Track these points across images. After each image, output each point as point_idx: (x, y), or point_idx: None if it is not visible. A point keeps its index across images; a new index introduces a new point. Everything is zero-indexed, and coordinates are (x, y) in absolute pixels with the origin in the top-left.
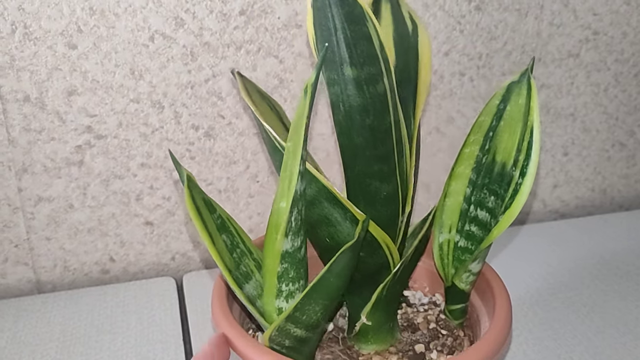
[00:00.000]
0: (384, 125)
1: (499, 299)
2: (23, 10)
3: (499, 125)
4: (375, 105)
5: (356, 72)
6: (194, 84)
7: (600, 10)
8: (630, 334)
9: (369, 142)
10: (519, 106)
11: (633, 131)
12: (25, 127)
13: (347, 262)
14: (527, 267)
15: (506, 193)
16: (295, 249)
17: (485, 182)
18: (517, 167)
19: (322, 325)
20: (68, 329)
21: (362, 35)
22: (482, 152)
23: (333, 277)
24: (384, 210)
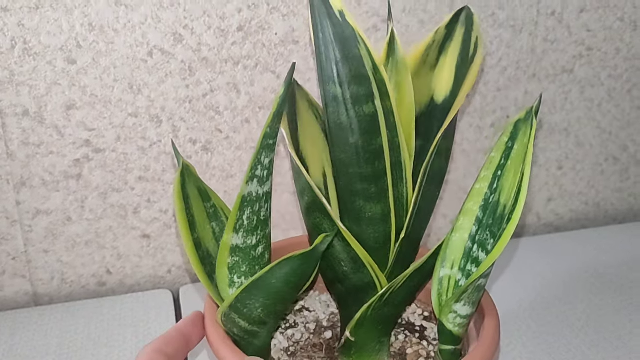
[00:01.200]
0: (372, 145)
1: (488, 315)
2: (23, 26)
3: (506, 164)
4: (361, 124)
5: (340, 90)
6: (192, 99)
7: (593, 26)
8: (625, 347)
9: (353, 160)
10: (523, 145)
11: (626, 145)
12: (24, 141)
13: (294, 270)
14: (522, 280)
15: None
16: (248, 246)
17: (489, 222)
18: (508, 211)
19: (270, 323)
20: (65, 342)
21: (352, 55)
22: (491, 190)
23: (275, 279)
24: (370, 230)
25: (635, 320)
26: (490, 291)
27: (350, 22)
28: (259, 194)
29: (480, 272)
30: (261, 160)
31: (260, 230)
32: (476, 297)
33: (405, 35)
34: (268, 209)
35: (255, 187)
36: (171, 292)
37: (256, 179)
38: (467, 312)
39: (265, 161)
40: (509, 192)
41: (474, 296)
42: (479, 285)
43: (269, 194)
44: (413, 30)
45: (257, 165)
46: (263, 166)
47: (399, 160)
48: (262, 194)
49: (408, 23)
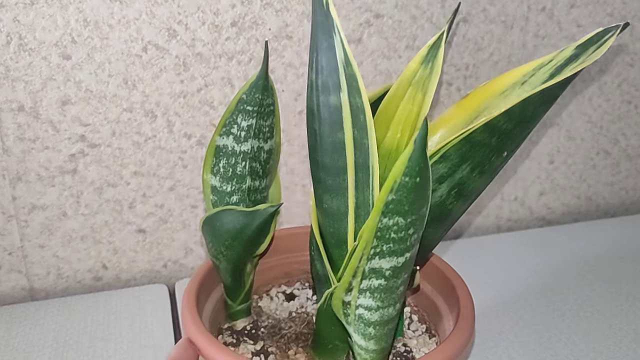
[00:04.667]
0: (332, 138)
1: (463, 301)
2: (18, 21)
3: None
4: (324, 114)
5: (314, 77)
6: (187, 94)
7: (584, 22)
8: (615, 336)
9: (314, 147)
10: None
11: (617, 139)
12: (19, 136)
13: (233, 221)
14: (514, 272)
15: None
16: (223, 191)
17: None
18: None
19: (223, 263)
20: (61, 335)
21: (328, 45)
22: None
23: (218, 223)
24: (328, 223)
25: (625, 310)
26: (483, 282)
27: (331, 12)
28: (235, 150)
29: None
30: (237, 121)
31: (236, 182)
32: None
33: (397, 31)
34: (246, 166)
35: (231, 142)
36: (167, 286)
37: (232, 136)
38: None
39: (243, 124)
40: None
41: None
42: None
43: (247, 153)
44: (405, 26)
45: (231, 124)
46: (239, 127)
47: (366, 163)
48: (239, 151)
49: (400, 18)
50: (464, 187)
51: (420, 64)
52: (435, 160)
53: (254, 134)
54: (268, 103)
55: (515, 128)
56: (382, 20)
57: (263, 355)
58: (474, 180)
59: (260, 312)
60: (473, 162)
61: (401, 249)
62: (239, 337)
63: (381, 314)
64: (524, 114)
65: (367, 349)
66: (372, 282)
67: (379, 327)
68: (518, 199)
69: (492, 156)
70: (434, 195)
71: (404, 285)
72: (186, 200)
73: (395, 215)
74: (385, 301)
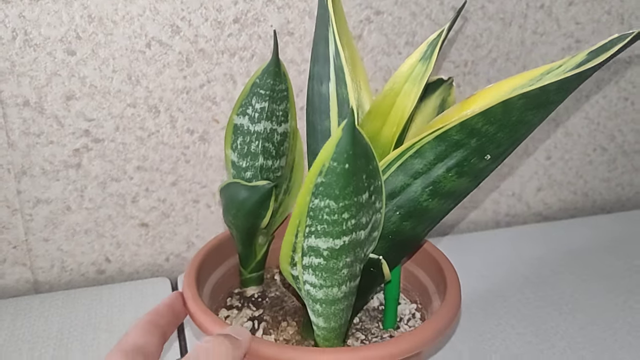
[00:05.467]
0: (321, 125)
1: (449, 280)
2: (24, 17)
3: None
4: (317, 102)
5: (312, 67)
6: (189, 89)
7: (582, 19)
8: (610, 329)
9: (309, 133)
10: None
11: (614, 136)
12: (24, 130)
13: (237, 194)
14: (512, 266)
15: None
16: (240, 166)
17: None
18: None
19: (233, 230)
20: (65, 327)
21: (323, 36)
22: None
23: (229, 193)
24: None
25: (620, 304)
26: (480, 276)
27: (329, 5)
28: (250, 130)
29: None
30: (251, 102)
31: (250, 159)
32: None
33: (396, 28)
34: (259, 146)
35: (246, 122)
36: (169, 279)
37: (247, 116)
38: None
39: (257, 106)
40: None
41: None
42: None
43: (260, 134)
44: (404, 23)
45: (247, 105)
46: (254, 109)
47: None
48: (253, 131)
49: (400, 15)
50: (440, 186)
51: (419, 60)
52: (410, 155)
53: (266, 116)
54: (281, 89)
55: (498, 132)
56: (382, 17)
57: (257, 321)
58: (451, 180)
59: (272, 284)
60: (450, 162)
61: (336, 231)
62: (245, 302)
63: (325, 293)
64: (507, 117)
65: (318, 325)
66: (312, 260)
67: (325, 306)
68: (515, 195)
69: (472, 158)
70: (407, 190)
71: (347, 268)
72: (188, 195)
73: (326, 197)
74: (327, 280)
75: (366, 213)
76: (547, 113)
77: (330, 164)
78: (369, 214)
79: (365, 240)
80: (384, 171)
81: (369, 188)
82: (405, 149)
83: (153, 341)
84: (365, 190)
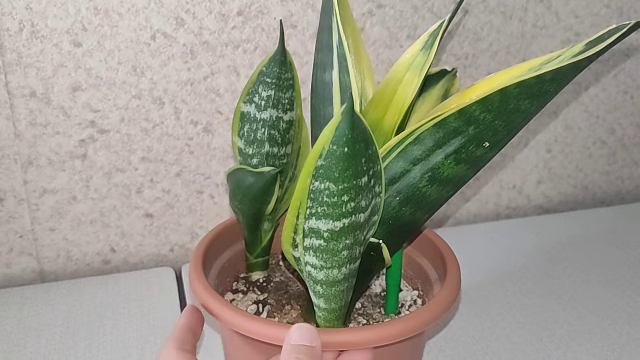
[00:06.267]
0: (323, 111)
1: (450, 265)
2: (31, 9)
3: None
4: (320, 89)
5: (316, 55)
6: (194, 82)
7: (581, 13)
8: (609, 319)
9: (314, 120)
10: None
11: (614, 129)
12: (31, 121)
13: (244, 179)
14: (513, 258)
15: None
16: (246, 154)
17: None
18: None
19: (239, 215)
20: (72, 315)
21: (327, 26)
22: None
23: (235, 179)
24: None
25: (619, 294)
26: (482, 268)
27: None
28: (257, 118)
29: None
30: (258, 91)
31: (257, 146)
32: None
33: (399, 21)
34: (265, 133)
35: (253, 110)
36: (174, 270)
37: (254, 104)
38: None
39: (264, 94)
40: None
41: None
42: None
43: (266, 121)
44: (407, 16)
45: (254, 93)
46: (260, 97)
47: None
48: (260, 119)
49: (402, 9)
50: (439, 173)
51: (420, 50)
52: (410, 142)
53: (273, 104)
54: (287, 77)
55: (496, 120)
56: (384, 10)
57: (262, 305)
58: (449, 167)
59: (277, 269)
60: (448, 149)
61: (336, 214)
62: (251, 287)
63: (326, 274)
64: (505, 106)
65: (319, 307)
66: (314, 241)
67: (326, 287)
68: (517, 188)
69: (470, 146)
70: (407, 176)
71: (348, 250)
72: (192, 186)
73: (326, 180)
74: (328, 262)
75: (366, 197)
76: (543, 102)
77: (330, 148)
78: (368, 198)
79: (365, 224)
80: (385, 157)
81: (368, 172)
82: (406, 135)
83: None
84: (364, 174)
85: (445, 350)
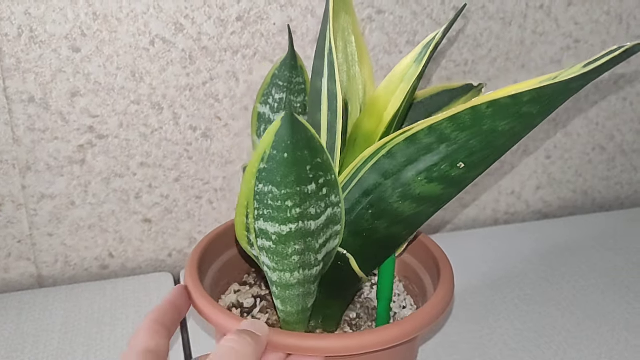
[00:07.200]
0: (312, 119)
1: (443, 270)
2: (29, 14)
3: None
4: (312, 96)
5: (314, 62)
6: (192, 87)
7: (581, 19)
8: (607, 325)
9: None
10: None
11: (613, 135)
12: (29, 126)
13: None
14: (511, 263)
15: None
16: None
17: None
18: None
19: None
20: (69, 321)
21: (323, 31)
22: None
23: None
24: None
25: (617, 300)
26: (480, 273)
27: (330, 2)
28: (271, 119)
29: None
30: (272, 93)
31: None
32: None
33: (398, 27)
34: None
35: (268, 110)
36: (172, 275)
37: (268, 105)
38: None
39: (276, 96)
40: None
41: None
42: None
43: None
44: (406, 22)
45: (268, 94)
46: (274, 99)
47: (332, 146)
48: (273, 120)
49: (401, 14)
50: (410, 190)
51: (414, 61)
52: (382, 154)
53: (284, 106)
54: (298, 82)
55: (471, 140)
56: (383, 16)
57: (259, 299)
58: (421, 185)
59: None
60: (419, 165)
61: (281, 217)
62: (258, 281)
63: (279, 277)
64: (478, 125)
65: (278, 308)
66: (264, 242)
67: (281, 289)
68: (515, 193)
69: (443, 165)
70: (379, 189)
71: (298, 256)
72: (191, 191)
73: (269, 183)
74: (279, 264)
75: (316, 205)
76: (527, 125)
77: (271, 152)
78: (319, 206)
79: (319, 232)
80: (360, 168)
81: (316, 180)
82: (379, 147)
83: (162, 342)
84: (310, 182)
85: (442, 356)
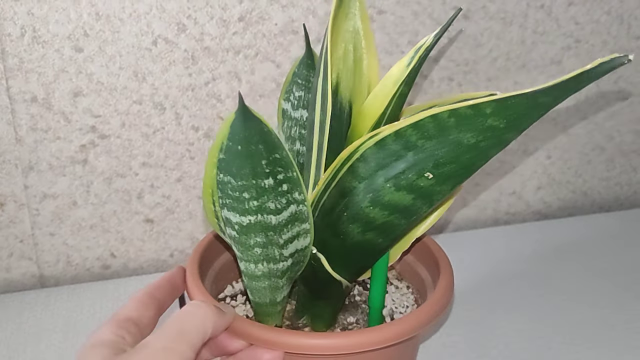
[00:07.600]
0: (309, 118)
1: (443, 269)
2: (32, 14)
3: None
4: (311, 92)
5: (318, 60)
6: (195, 87)
7: (581, 19)
8: (607, 326)
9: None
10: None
11: (612, 136)
12: (32, 126)
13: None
14: (511, 263)
15: None
16: (288, 148)
17: None
18: None
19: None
20: (71, 321)
21: (326, 32)
22: None
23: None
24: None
25: (616, 301)
26: (480, 273)
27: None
28: (291, 116)
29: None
30: (292, 90)
31: (291, 143)
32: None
33: (399, 27)
34: (297, 131)
35: (289, 107)
36: None
37: (290, 103)
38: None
39: (296, 94)
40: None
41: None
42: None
43: (298, 120)
44: (406, 22)
45: (290, 92)
46: (294, 96)
47: (321, 145)
48: (293, 117)
49: (402, 14)
50: (379, 196)
51: (407, 65)
52: (356, 158)
53: (303, 104)
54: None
55: (437, 150)
56: (384, 16)
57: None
58: (389, 191)
59: None
60: (389, 172)
61: (241, 209)
62: None
63: (245, 266)
64: (444, 135)
65: (249, 297)
66: (230, 231)
67: (248, 279)
68: (516, 193)
69: (410, 173)
70: (353, 192)
71: (260, 248)
72: (193, 192)
73: (227, 174)
74: (243, 254)
75: (275, 200)
76: (494, 140)
77: (227, 143)
78: (280, 202)
79: (283, 228)
80: (339, 169)
81: (274, 175)
82: (352, 150)
83: (148, 314)
84: (267, 176)
85: (442, 356)
